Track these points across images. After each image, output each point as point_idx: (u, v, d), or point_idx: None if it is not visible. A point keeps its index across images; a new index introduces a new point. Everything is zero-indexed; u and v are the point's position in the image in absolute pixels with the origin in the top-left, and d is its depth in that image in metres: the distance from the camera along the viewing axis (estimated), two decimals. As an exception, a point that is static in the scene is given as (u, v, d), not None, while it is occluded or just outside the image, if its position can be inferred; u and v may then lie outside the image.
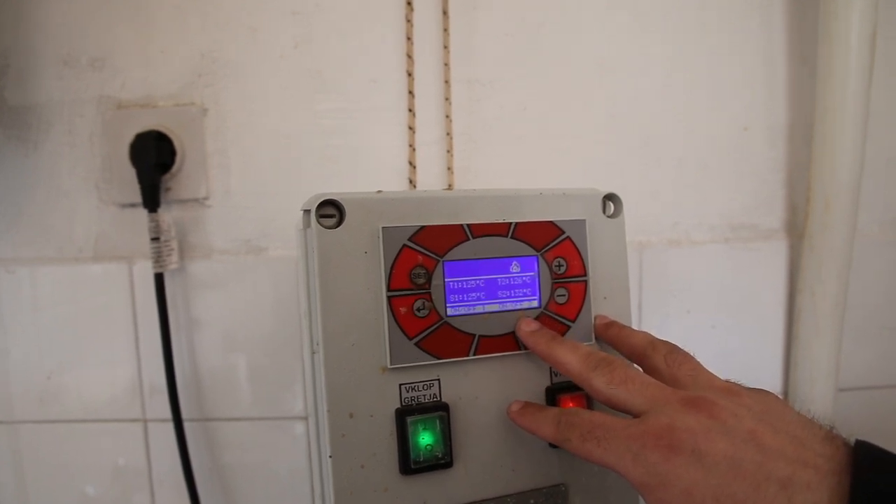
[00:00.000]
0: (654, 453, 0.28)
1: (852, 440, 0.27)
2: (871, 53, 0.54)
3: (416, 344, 0.36)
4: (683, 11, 0.60)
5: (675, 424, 0.28)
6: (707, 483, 0.26)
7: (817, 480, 0.25)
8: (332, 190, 0.36)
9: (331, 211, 0.36)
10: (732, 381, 0.33)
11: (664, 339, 0.36)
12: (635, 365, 0.36)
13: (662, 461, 0.27)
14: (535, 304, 0.39)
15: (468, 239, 0.38)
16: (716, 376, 0.33)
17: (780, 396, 0.62)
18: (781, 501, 0.25)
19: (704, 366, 0.34)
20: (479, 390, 0.38)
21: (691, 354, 0.35)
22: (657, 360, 0.34)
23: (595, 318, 0.41)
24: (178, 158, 0.58)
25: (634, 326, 0.40)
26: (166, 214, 0.57)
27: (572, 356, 0.35)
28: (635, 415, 0.31)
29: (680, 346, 0.35)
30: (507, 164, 0.60)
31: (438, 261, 0.37)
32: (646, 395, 0.31)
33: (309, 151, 0.59)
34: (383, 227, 0.36)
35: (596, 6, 0.59)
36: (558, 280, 0.40)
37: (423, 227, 0.37)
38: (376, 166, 0.59)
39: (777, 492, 0.25)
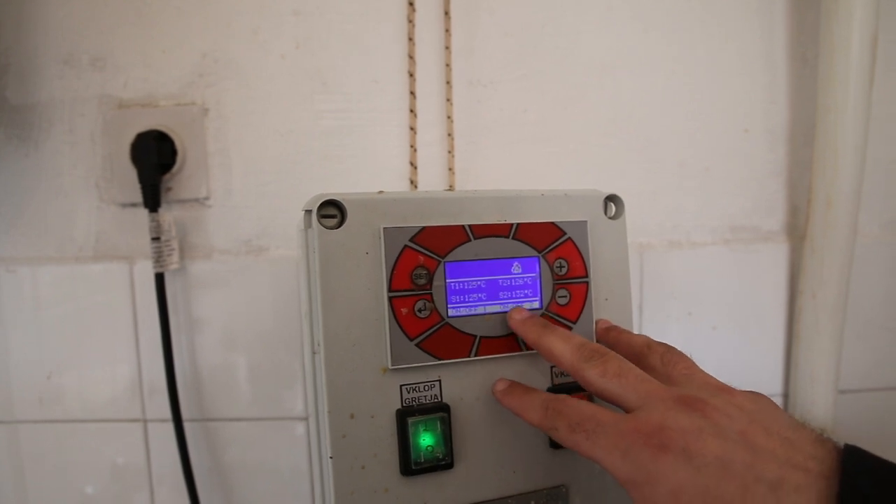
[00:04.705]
0: (643, 451, 0.27)
1: (842, 444, 0.27)
2: (873, 54, 0.54)
3: (417, 345, 0.36)
4: (684, 13, 0.60)
5: (667, 423, 0.28)
6: (695, 484, 0.26)
7: (807, 483, 0.25)
8: (333, 190, 0.36)
9: (332, 211, 0.36)
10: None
11: (664, 340, 0.36)
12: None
13: (651, 460, 0.27)
14: (536, 305, 0.39)
15: (469, 240, 0.38)
16: (711, 376, 0.33)
17: (781, 399, 0.62)
18: (770, 503, 0.25)
19: (701, 367, 0.34)
20: (480, 391, 0.38)
21: (688, 355, 0.34)
22: (653, 359, 0.34)
23: (596, 321, 0.41)
24: (178, 158, 0.58)
25: (635, 328, 0.40)
26: (167, 214, 0.57)
27: (564, 346, 0.34)
28: (627, 409, 0.30)
29: (680, 347, 0.35)
30: (508, 164, 0.60)
31: (440, 261, 0.37)
32: (639, 391, 0.30)
33: (310, 151, 0.59)
34: (384, 228, 0.36)
35: (597, 8, 0.59)
36: (560, 281, 0.40)
37: (424, 228, 0.37)
38: (377, 167, 0.59)
39: (766, 493, 0.25)
